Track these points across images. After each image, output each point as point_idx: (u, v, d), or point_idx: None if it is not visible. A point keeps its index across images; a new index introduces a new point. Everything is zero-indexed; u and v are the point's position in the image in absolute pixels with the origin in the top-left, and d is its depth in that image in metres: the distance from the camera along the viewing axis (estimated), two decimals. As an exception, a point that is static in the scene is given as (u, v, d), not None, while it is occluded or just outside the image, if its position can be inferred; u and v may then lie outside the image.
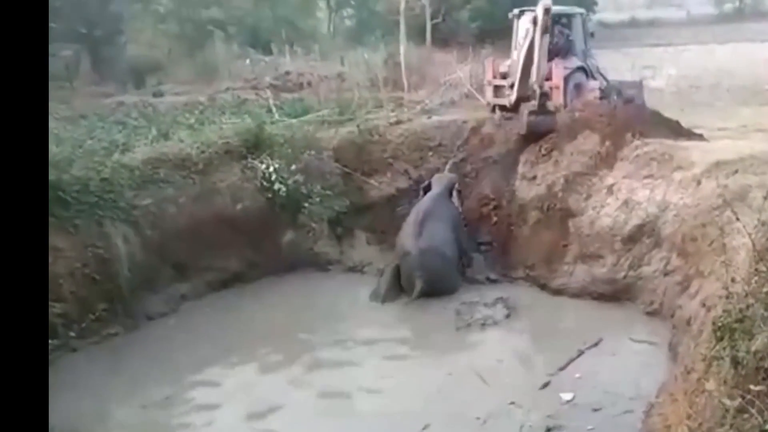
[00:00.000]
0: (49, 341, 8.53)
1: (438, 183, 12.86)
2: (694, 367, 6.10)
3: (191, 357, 9.77)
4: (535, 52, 12.32)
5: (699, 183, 10.23)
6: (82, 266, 10.16)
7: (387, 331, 10.68)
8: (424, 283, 11.03)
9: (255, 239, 12.75)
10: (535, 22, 12.23)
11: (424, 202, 12.35)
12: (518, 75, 13.30)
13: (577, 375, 8.85)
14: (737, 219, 5.77)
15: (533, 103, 12.73)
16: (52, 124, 15.25)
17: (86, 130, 14.86)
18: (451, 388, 8.71)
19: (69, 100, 20.65)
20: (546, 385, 8.57)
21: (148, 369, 9.40)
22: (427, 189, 12.88)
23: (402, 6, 26.16)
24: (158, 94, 22.84)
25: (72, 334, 9.55)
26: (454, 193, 12.82)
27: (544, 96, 12.85)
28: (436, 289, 11.21)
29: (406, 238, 11.70)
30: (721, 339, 4.88)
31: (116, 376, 9.25)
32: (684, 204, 10.26)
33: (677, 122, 12.87)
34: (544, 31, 12.12)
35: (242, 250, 12.59)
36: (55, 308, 9.37)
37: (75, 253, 10.13)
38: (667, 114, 13.09)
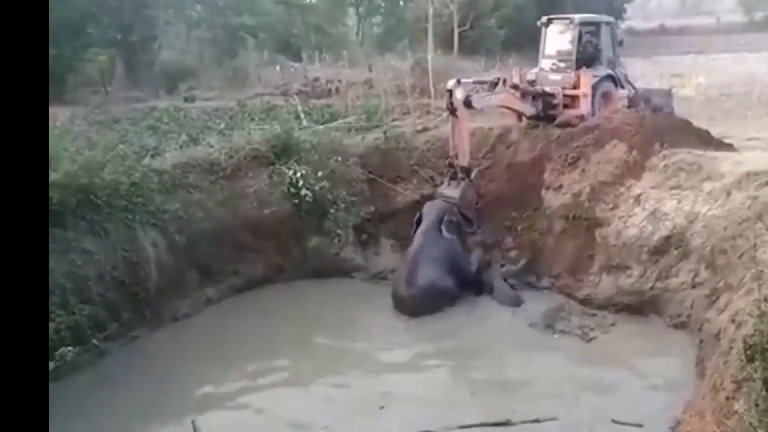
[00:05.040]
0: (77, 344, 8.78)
1: (427, 215, 12.43)
2: (723, 385, 5.99)
3: (214, 360, 9.89)
4: None
5: (729, 194, 10.05)
6: (111, 269, 10.32)
7: (395, 338, 10.83)
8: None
9: (281, 244, 12.85)
10: None
11: (415, 241, 12.08)
12: None
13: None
14: (768, 232, 5.69)
15: None
16: (85, 128, 15.66)
17: (119, 134, 15.17)
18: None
19: (103, 104, 21.09)
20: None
21: (174, 372, 9.57)
22: (419, 220, 12.45)
23: (430, 14, 26.21)
24: (189, 99, 23.13)
25: (100, 336, 9.73)
26: (445, 224, 12.14)
27: None
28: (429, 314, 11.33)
29: (399, 282, 11.71)
30: (752, 360, 4.79)
31: (143, 378, 9.39)
32: (713, 215, 10.08)
33: (707, 131, 12.67)
34: None
35: (268, 255, 12.71)
36: (84, 310, 9.58)
37: (104, 256, 10.29)
38: (696, 123, 12.91)
